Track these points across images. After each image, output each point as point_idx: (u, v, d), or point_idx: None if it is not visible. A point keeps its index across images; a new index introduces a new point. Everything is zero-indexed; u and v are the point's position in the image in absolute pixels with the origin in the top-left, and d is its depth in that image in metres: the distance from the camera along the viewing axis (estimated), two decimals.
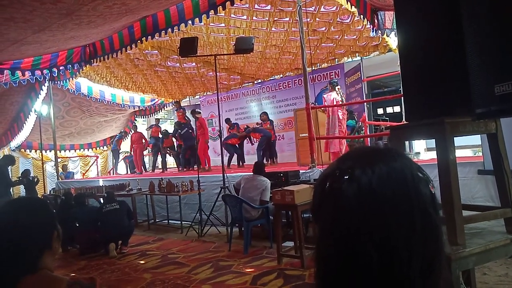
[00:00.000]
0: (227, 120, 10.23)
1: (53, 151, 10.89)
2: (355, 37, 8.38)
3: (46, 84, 9.64)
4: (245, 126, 9.90)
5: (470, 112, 1.56)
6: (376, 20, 6.76)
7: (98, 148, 14.55)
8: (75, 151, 13.94)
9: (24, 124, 10.49)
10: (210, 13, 6.05)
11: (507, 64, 1.35)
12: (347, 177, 0.56)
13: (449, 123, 1.80)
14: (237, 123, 10.37)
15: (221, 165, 6.07)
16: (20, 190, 10.77)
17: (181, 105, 11.00)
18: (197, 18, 6.19)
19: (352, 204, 0.54)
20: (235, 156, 9.70)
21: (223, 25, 7.52)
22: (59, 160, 11.15)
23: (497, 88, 1.37)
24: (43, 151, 10.96)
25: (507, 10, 1.32)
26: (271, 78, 11.61)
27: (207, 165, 9.22)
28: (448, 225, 1.69)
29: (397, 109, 11.75)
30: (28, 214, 1.13)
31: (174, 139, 10.63)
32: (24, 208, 1.16)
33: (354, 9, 6.04)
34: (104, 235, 5.52)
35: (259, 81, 11.78)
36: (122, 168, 13.21)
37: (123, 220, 5.63)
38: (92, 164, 15.08)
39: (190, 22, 6.31)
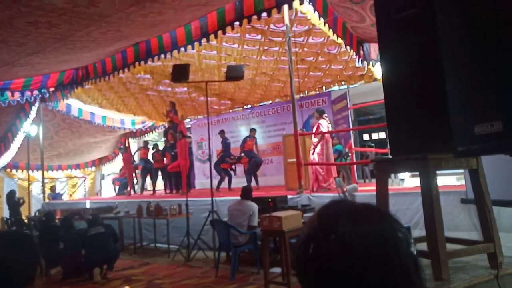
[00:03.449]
0: (221, 132, 10.09)
1: (40, 171, 10.73)
2: (341, 66, 8.66)
3: (36, 105, 9.61)
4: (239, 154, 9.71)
5: (452, 149, 1.63)
6: (362, 51, 7.02)
7: (86, 169, 14.38)
8: (62, 171, 13.74)
9: (11, 144, 10.36)
10: (202, 41, 6.22)
11: (486, 105, 1.43)
12: (330, 240, 0.58)
13: (432, 159, 1.88)
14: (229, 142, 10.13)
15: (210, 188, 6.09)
16: (3, 211, 10.53)
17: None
18: (190, 45, 6.36)
19: (336, 269, 0.56)
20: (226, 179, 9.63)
21: (214, 52, 7.70)
22: (46, 180, 10.97)
23: (477, 128, 1.43)
24: (30, 171, 10.79)
25: (486, 55, 1.41)
26: (261, 104, 11.79)
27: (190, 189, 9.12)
28: (433, 260, 1.74)
29: (382, 135, 12.00)
30: (10, 250, 1.10)
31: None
32: (7, 244, 1.13)
33: (341, 40, 6.28)
34: (88, 260, 5.43)
35: (249, 106, 11.95)
36: (109, 190, 13.03)
37: (108, 244, 5.54)
38: (79, 185, 14.85)
39: (182, 48, 6.48)
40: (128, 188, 11.05)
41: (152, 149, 11.01)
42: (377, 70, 7.44)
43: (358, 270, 0.55)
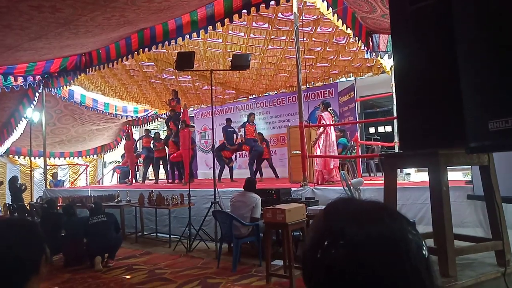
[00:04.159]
0: (228, 120, 10.03)
1: (42, 158, 10.73)
2: (349, 58, 8.52)
3: (40, 90, 9.57)
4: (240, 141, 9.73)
5: (464, 145, 1.59)
6: (371, 43, 6.89)
7: (88, 156, 14.39)
8: (64, 159, 13.76)
9: (14, 130, 10.35)
10: (208, 29, 6.11)
11: (501, 101, 1.39)
12: (337, 245, 0.56)
13: (443, 155, 1.83)
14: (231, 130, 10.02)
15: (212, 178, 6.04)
16: (5, 197, 10.57)
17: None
18: (195, 33, 6.25)
19: (345, 274, 0.54)
20: (227, 170, 9.57)
21: (220, 40, 7.58)
22: (48, 167, 10.98)
23: (491, 124, 1.40)
24: (32, 158, 10.79)
25: (502, 51, 1.35)
26: (266, 94, 11.70)
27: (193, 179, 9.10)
28: (440, 256, 1.70)
29: (388, 128, 11.89)
30: (17, 238, 1.09)
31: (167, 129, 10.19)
32: (14, 233, 1.12)
33: (350, 31, 6.15)
34: (90, 248, 5.42)
35: (254, 96, 11.86)
36: (111, 178, 13.04)
37: (110, 233, 5.54)
38: (81, 173, 14.88)
39: (187, 36, 6.37)
40: (130, 177, 11.02)
41: (153, 138, 10.89)
42: (386, 62, 7.30)
43: (368, 275, 0.53)
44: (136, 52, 7.06)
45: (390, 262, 0.54)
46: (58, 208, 6.94)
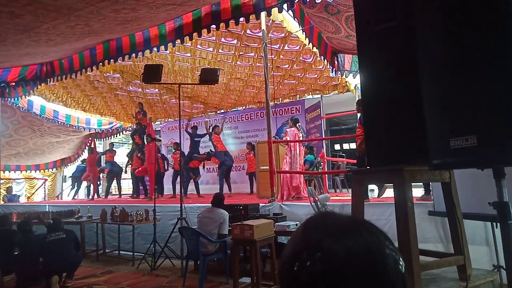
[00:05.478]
0: (193, 127, 9.88)
1: None
2: (316, 76, 8.74)
3: None
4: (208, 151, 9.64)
5: (427, 162, 1.64)
6: (336, 62, 7.11)
7: (46, 170, 13.68)
8: (21, 172, 13.00)
9: None
10: (176, 42, 6.08)
11: (462, 119, 1.45)
12: (315, 258, 0.55)
13: (407, 171, 1.89)
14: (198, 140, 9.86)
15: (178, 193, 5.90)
16: None
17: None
18: (163, 46, 6.19)
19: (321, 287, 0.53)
20: (192, 185, 9.37)
21: (188, 55, 7.57)
22: (2, 181, 10.32)
23: (453, 142, 1.46)
24: None
25: (463, 71, 1.43)
26: (234, 109, 11.73)
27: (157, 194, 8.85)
28: (406, 272, 1.74)
29: (353, 145, 12.21)
30: None
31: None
32: None
33: (316, 49, 6.32)
34: (47, 267, 5.10)
35: (222, 111, 11.86)
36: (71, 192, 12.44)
37: (69, 251, 5.24)
38: (39, 188, 14.10)
39: (155, 49, 6.30)
40: (92, 192, 10.58)
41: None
42: (351, 81, 7.54)
43: None
44: (101, 63, 6.88)
45: (368, 276, 0.53)
46: (12, 224, 6.51)
